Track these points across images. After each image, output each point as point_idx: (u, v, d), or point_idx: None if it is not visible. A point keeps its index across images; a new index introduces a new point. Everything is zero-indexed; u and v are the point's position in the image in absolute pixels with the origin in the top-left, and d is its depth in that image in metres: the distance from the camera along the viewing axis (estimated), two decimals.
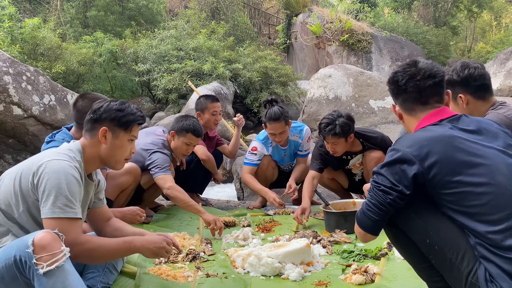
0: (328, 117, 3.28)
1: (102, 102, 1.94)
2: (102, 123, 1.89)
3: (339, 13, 14.44)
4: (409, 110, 1.71)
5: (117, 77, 12.63)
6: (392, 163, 1.57)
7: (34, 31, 9.34)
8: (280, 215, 3.54)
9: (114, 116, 1.90)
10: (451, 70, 2.39)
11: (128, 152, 1.97)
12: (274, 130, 3.52)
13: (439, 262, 1.55)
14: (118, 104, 1.94)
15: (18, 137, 5.09)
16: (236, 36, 13.28)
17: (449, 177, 1.49)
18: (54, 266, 1.52)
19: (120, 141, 1.92)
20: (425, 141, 1.54)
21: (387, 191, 1.56)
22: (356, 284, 2.15)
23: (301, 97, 10.43)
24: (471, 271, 1.47)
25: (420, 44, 15.75)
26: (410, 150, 1.54)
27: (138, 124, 1.97)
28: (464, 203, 1.48)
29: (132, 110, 1.95)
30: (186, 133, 3.31)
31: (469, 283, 1.47)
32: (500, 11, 24.40)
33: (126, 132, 1.93)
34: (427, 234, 1.54)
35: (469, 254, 1.48)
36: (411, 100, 1.69)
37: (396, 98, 1.75)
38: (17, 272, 1.56)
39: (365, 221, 1.62)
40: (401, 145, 1.58)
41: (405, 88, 1.68)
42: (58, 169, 1.71)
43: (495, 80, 11.62)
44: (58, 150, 1.83)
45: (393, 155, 1.58)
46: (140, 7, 14.40)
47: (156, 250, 1.89)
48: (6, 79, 4.92)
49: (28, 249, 1.52)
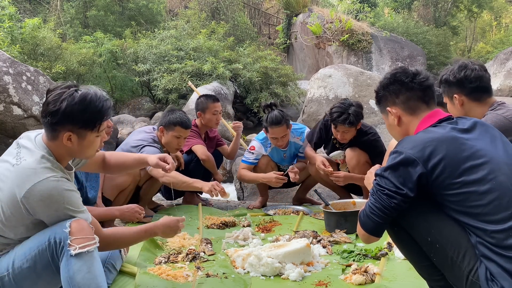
0: (340, 106, 3.32)
1: (57, 102, 1.65)
2: (64, 127, 1.66)
3: (339, 13, 14.44)
4: (412, 109, 1.69)
5: (117, 77, 12.63)
6: (395, 166, 1.56)
7: (34, 31, 9.35)
8: (280, 215, 3.54)
9: (77, 120, 1.67)
10: (449, 70, 2.40)
11: (98, 144, 1.81)
12: (276, 134, 3.52)
13: (440, 261, 1.55)
14: (78, 104, 1.65)
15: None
16: (236, 36, 13.28)
17: (452, 178, 1.49)
18: (86, 249, 1.57)
19: (88, 141, 1.74)
20: (428, 142, 1.54)
21: (392, 195, 1.55)
22: (356, 284, 2.14)
23: (301, 97, 10.44)
24: (471, 270, 1.47)
25: (420, 44, 15.75)
26: (413, 151, 1.54)
27: (106, 118, 1.76)
28: (467, 204, 1.49)
29: (96, 107, 1.70)
30: (174, 127, 3.32)
31: (469, 282, 1.48)
32: (500, 11, 24.41)
33: (93, 131, 1.73)
34: (429, 232, 1.55)
35: (470, 253, 1.48)
36: (416, 98, 1.68)
37: (396, 97, 1.71)
38: (49, 257, 1.59)
39: (369, 223, 1.61)
40: (404, 147, 1.57)
41: (411, 86, 1.68)
42: (48, 194, 1.59)
43: (495, 80, 11.62)
44: (32, 166, 1.63)
45: (396, 157, 1.57)
46: (140, 7, 14.41)
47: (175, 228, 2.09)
48: (6, 79, 4.92)
49: (66, 229, 1.57)
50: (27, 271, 1.62)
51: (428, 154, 1.52)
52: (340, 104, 3.35)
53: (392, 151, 1.62)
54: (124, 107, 12.00)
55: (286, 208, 3.67)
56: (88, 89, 1.73)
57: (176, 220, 2.09)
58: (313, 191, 3.88)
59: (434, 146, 1.52)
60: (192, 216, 3.41)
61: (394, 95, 1.72)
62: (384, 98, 1.76)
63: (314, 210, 3.60)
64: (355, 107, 3.30)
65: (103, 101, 1.73)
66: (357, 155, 3.45)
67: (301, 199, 4.00)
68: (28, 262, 1.61)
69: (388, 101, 1.74)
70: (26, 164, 1.64)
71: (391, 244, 2.54)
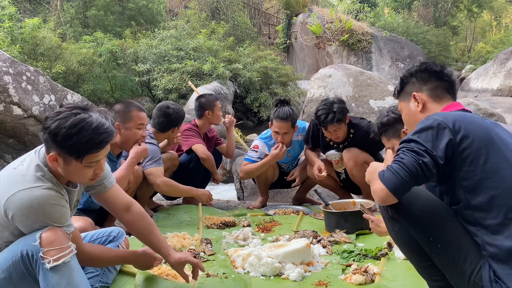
0: (323, 107, 3.35)
1: (51, 120, 1.58)
2: (51, 146, 1.59)
3: (339, 13, 14.46)
4: (439, 97, 1.73)
5: (117, 77, 12.63)
6: (425, 129, 1.52)
7: (34, 31, 9.35)
8: (280, 215, 3.54)
9: (61, 144, 1.57)
10: None
11: (89, 175, 1.67)
12: (278, 129, 3.52)
13: (441, 261, 1.54)
14: (67, 128, 1.55)
15: (18, 137, 5.09)
16: (236, 36, 13.29)
17: (477, 161, 1.46)
18: (61, 261, 1.51)
19: (74, 168, 1.62)
20: (457, 117, 1.53)
21: (421, 153, 1.47)
22: (356, 284, 2.14)
23: (301, 97, 10.43)
24: (474, 270, 1.46)
25: (420, 44, 15.76)
26: (443, 120, 1.52)
27: (96, 151, 1.61)
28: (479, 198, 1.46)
29: (85, 137, 1.57)
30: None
31: (472, 282, 1.47)
32: (500, 11, 24.42)
33: (77, 161, 1.60)
34: (431, 232, 1.53)
35: (472, 253, 1.47)
36: (443, 87, 1.74)
37: (424, 84, 1.75)
38: (24, 269, 1.54)
39: (392, 180, 1.47)
40: (433, 117, 1.55)
41: (441, 76, 1.74)
42: (28, 204, 1.53)
43: (495, 80, 11.63)
44: (24, 173, 1.60)
45: (426, 122, 1.53)
46: (140, 7, 14.41)
47: (149, 265, 2.03)
48: (6, 79, 4.92)
49: (35, 242, 1.51)
50: (4, 282, 1.57)
51: (458, 127, 1.50)
52: (323, 105, 3.37)
53: (422, 120, 1.58)
54: None
55: (286, 208, 3.67)
56: (91, 116, 1.61)
57: (153, 257, 2.00)
58: (313, 191, 3.88)
59: (462, 121, 1.52)
60: (192, 216, 3.41)
61: (423, 82, 1.76)
62: (411, 84, 1.79)
63: (314, 210, 3.60)
64: (338, 103, 3.33)
65: (97, 133, 1.59)
66: (354, 156, 3.44)
67: (301, 199, 4.00)
68: (3, 273, 1.57)
69: (415, 87, 1.78)
70: (20, 170, 1.62)
71: (391, 244, 2.54)
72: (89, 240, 2.06)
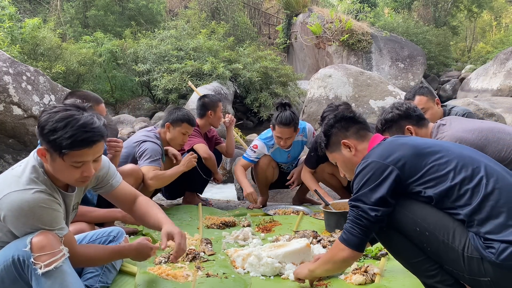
0: (329, 110, 3.44)
1: (44, 114, 1.57)
2: (40, 140, 1.58)
3: (339, 13, 14.46)
4: (363, 137, 1.95)
5: (117, 77, 12.65)
6: (367, 179, 1.69)
7: (34, 31, 9.36)
8: (280, 215, 3.54)
9: (46, 138, 1.54)
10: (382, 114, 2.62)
11: (76, 176, 1.62)
12: (281, 134, 3.52)
13: (433, 249, 1.59)
14: (54, 122, 1.52)
15: (18, 137, 5.09)
16: (236, 36, 13.30)
17: (418, 168, 1.64)
18: (52, 266, 1.50)
19: (59, 166, 1.58)
20: (389, 149, 1.72)
21: (369, 218, 1.67)
22: (356, 284, 2.14)
23: (301, 97, 10.44)
24: (464, 246, 1.52)
25: (420, 44, 15.77)
26: (380, 159, 1.69)
27: (79, 149, 1.54)
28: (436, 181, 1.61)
29: (67, 132, 1.52)
30: (182, 123, 3.42)
31: (466, 259, 1.52)
32: (500, 11, 24.42)
33: (60, 158, 1.56)
34: (415, 222, 1.62)
35: (458, 231, 1.55)
36: (362, 128, 1.97)
37: (346, 130, 1.96)
38: (16, 273, 1.54)
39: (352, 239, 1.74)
40: (370, 160, 1.72)
41: (356, 119, 1.99)
42: (18, 207, 1.52)
43: (495, 80, 11.63)
44: (18, 174, 1.60)
45: (366, 168, 1.71)
46: (140, 7, 14.43)
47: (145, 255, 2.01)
48: (6, 79, 4.92)
49: (26, 248, 1.50)
50: None
51: (397, 158, 1.67)
52: (328, 107, 3.51)
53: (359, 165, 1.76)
54: (124, 107, 12.01)
55: (286, 208, 3.67)
56: (82, 114, 1.57)
57: (149, 248, 1.99)
58: (313, 191, 3.88)
59: (395, 150, 1.70)
60: (192, 216, 3.41)
61: (344, 129, 1.97)
62: (335, 134, 1.98)
63: (314, 210, 3.60)
64: (343, 106, 3.42)
65: (82, 130, 1.53)
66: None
67: (301, 199, 4.00)
68: None
69: (340, 136, 1.97)
70: (16, 171, 1.62)
71: None
72: (89, 240, 2.06)
